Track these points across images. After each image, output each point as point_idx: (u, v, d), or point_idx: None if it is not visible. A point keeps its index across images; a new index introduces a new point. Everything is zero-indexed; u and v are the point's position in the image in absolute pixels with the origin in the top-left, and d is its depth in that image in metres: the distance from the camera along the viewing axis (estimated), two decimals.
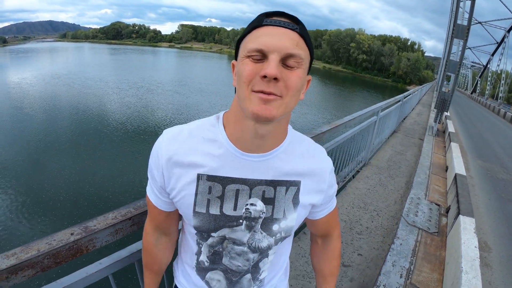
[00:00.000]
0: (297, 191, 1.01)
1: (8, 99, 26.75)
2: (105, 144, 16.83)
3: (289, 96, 0.82)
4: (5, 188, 11.60)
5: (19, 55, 77.14)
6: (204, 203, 0.97)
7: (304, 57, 0.83)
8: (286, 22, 0.82)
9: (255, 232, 1.01)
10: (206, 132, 0.98)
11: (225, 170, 0.95)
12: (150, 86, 38.55)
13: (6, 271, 1.02)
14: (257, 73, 0.79)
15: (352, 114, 4.39)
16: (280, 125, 0.93)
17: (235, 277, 1.10)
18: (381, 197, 5.23)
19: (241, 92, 0.83)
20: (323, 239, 1.32)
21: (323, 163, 1.06)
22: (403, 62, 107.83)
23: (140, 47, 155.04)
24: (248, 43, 0.83)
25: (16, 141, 16.55)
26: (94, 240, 1.28)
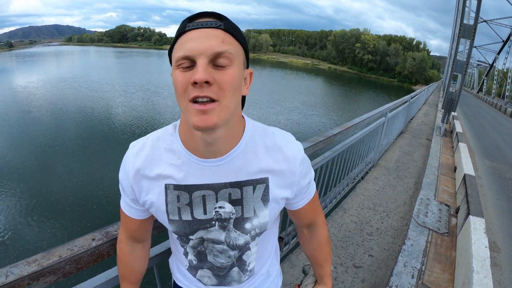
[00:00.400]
0: (266, 188, 1.00)
1: (16, 103, 26.89)
2: (113, 147, 16.86)
3: (226, 97, 0.81)
4: (13, 192, 11.65)
5: (26, 59, 77.52)
6: (175, 211, 1.00)
7: (234, 52, 0.82)
8: (208, 22, 0.81)
9: (229, 231, 1.03)
10: (166, 143, 1.00)
11: (189, 178, 0.97)
12: (157, 88, 38.57)
13: (27, 278, 1.04)
14: (188, 82, 0.79)
15: (361, 116, 4.42)
16: (229, 127, 0.91)
17: (221, 272, 1.13)
18: (390, 198, 5.24)
19: (180, 104, 0.84)
20: (308, 229, 1.31)
21: (292, 155, 1.02)
22: (408, 62, 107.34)
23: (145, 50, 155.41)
24: (175, 52, 0.83)
25: (24, 144, 16.61)
26: (116, 245, 1.29)
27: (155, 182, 0.99)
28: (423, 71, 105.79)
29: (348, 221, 4.36)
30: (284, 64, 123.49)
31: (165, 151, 0.99)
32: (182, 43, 0.81)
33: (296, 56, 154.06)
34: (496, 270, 3.82)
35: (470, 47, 10.41)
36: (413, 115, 13.47)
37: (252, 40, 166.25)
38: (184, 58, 0.79)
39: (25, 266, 1.06)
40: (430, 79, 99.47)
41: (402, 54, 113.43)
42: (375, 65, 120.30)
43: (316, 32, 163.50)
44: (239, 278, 1.17)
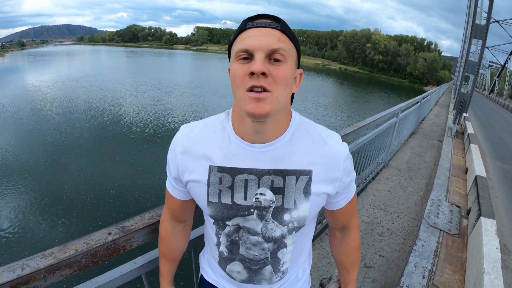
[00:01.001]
0: (309, 180, 1.02)
1: (27, 102, 27.16)
2: (124, 146, 17.00)
3: (279, 89, 0.88)
4: (26, 189, 11.80)
5: (37, 58, 78.13)
6: (216, 193, 1.04)
7: (288, 50, 0.90)
8: (267, 22, 0.90)
9: (267, 221, 1.05)
10: (216, 127, 1.06)
11: (234, 161, 1.02)
12: (168, 88, 38.71)
13: (43, 271, 1.06)
14: (246, 73, 0.86)
15: (373, 115, 4.41)
16: (277, 118, 0.98)
17: (254, 265, 1.14)
18: (401, 199, 5.23)
19: (236, 93, 0.91)
20: (341, 231, 1.33)
21: (336, 150, 1.06)
22: (419, 63, 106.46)
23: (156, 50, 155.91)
24: (235, 46, 0.91)
25: (36, 142, 16.79)
26: (131, 240, 1.33)
27: (200, 162, 1.04)
28: (434, 71, 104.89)
29: (359, 221, 4.35)
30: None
31: (214, 134, 1.05)
32: (243, 38, 0.90)
33: (307, 56, 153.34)
34: (506, 272, 3.79)
35: (482, 48, 10.31)
36: (425, 116, 13.39)
37: None
38: (243, 51, 0.88)
39: (41, 259, 1.08)
40: (441, 80, 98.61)
41: (413, 55, 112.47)
42: (386, 66, 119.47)
43: (326, 32, 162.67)
44: (270, 277, 1.18)
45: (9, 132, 18.32)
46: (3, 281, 0.98)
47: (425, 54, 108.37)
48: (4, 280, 0.98)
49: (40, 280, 1.07)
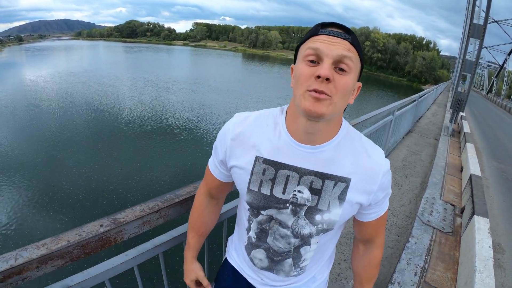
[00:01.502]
0: (346, 187, 1.05)
1: (25, 96, 27.06)
2: (122, 142, 16.98)
3: (338, 96, 0.92)
4: (22, 184, 11.79)
5: (35, 53, 77.78)
6: (257, 183, 1.09)
7: (354, 61, 0.93)
8: (339, 32, 0.92)
9: (299, 218, 1.08)
10: (270, 120, 1.11)
11: (280, 156, 1.06)
12: (166, 84, 38.63)
13: (36, 261, 1.08)
14: (312, 75, 0.90)
15: (368, 113, 4.42)
16: (329, 123, 1.01)
17: (276, 257, 1.18)
18: (395, 197, 5.24)
19: (297, 91, 0.94)
20: (365, 245, 1.35)
21: (377, 164, 1.08)
22: (418, 61, 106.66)
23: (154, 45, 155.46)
24: (305, 47, 0.95)
25: (33, 137, 16.75)
26: (123, 232, 1.34)
27: (248, 150, 1.10)
28: (433, 70, 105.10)
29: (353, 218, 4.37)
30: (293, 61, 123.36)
31: (266, 127, 1.10)
32: (314, 41, 0.93)
33: None
34: (499, 271, 3.81)
35: (479, 47, 10.35)
36: (422, 114, 13.41)
37: (261, 37, 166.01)
38: (313, 54, 0.91)
39: (34, 250, 1.10)
40: (439, 79, 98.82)
41: (412, 53, 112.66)
42: (385, 64, 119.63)
43: None
44: (289, 270, 1.22)
45: (6, 126, 18.26)
46: None
47: (424, 53, 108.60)
48: None
49: (32, 270, 1.09)
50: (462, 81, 12.13)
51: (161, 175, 13.19)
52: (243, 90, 38.46)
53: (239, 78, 51.87)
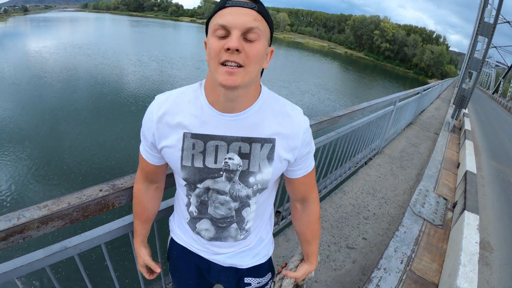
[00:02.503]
0: (272, 147, 1.13)
1: (28, 68, 26.64)
2: (125, 116, 16.87)
3: (251, 65, 0.96)
4: (24, 155, 11.81)
5: (40, 23, 76.76)
6: (189, 158, 1.13)
7: (262, 30, 0.97)
8: (245, 2, 0.95)
9: (234, 183, 1.15)
10: (190, 96, 1.13)
11: (206, 128, 1.10)
12: (171, 60, 38.20)
13: (37, 221, 1.15)
14: (221, 47, 0.93)
15: (369, 101, 4.44)
16: (248, 89, 1.05)
17: (221, 224, 1.25)
18: (390, 186, 5.30)
19: (211, 65, 0.98)
20: (301, 204, 1.41)
21: (298, 123, 1.15)
22: (426, 55, 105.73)
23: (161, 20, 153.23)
24: (213, 21, 0.97)
25: (35, 109, 16.57)
26: (121, 197, 1.42)
27: (174, 129, 1.11)
28: (440, 65, 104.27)
29: (346, 203, 4.43)
30: (300, 45, 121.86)
31: (187, 103, 1.12)
32: (221, 15, 0.95)
33: (313, 38, 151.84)
34: (486, 269, 3.88)
35: (487, 46, 10.26)
36: (424, 108, 13.40)
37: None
38: (221, 27, 0.94)
39: (36, 211, 1.17)
40: (446, 74, 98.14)
41: (421, 46, 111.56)
42: (392, 54, 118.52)
43: (335, 15, 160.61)
44: (236, 235, 1.28)
45: (10, 97, 18.12)
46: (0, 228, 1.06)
47: (433, 47, 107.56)
48: (1, 228, 1.06)
49: (33, 230, 1.15)
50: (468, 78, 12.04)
51: None
52: None
53: None
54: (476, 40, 10.68)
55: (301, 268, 1.47)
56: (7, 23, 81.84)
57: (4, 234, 1.08)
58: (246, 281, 1.45)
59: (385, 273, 3.06)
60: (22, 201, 9.13)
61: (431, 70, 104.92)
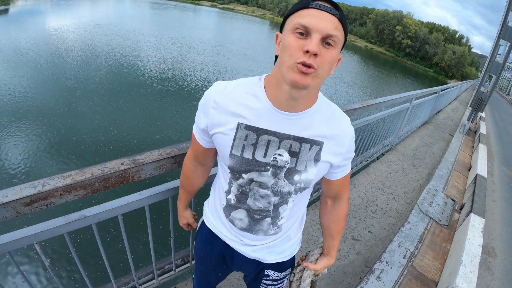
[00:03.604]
0: (320, 150, 1.17)
1: (48, 46, 26.60)
2: (143, 98, 16.90)
3: (323, 70, 0.99)
4: (41, 131, 11.94)
5: (60, 2, 76.66)
6: (239, 148, 1.16)
7: (340, 38, 1.00)
8: (329, 8, 0.98)
9: (279, 179, 1.19)
10: (249, 89, 1.16)
11: (261, 122, 1.13)
12: (191, 43, 37.90)
13: (61, 189, 1.24)
14: (301, 48, 0.95)
15: (384, 97, 4.46)
16: (310, 92, 1.10)
17: (256, 215, 1.28)
18: (400, 183, 5.33)
19: (285, 61, 0.99)
20: (333, 201, 1.47)
21: (345, 130, 1.21)
22: (447, 54, 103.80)
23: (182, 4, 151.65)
24: (295, 19, 0.99)
25: (54, 87, 16.58)
26: (140, 172, 1.50)
27: (230, 117, 1.15)
28: (461, 66, 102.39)
29: (355, 195, 4.49)
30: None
31: (245, 95, 1.15)
32: (304, 15, 0.98)
33: None
34: (488, 274, 3.90)
35: (508, 50, 10.11)
36: (441, 108, 13.25)
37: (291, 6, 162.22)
38: (303, 27, 0.96)
39: (60, 179, 1.26)
40: (466, 76, 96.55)
41: (443, 45, 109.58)
42: (413, 52, 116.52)
43: (357, 8, 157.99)
44: (267, 229, 1.33)
45: (29, 74, 18.19)
46: (25, 194, 1.15)
47: (455, 47, 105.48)
48: (26, 194, 1.15)
49: (57, 197, 1.24)
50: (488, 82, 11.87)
51: (178, 132, 13.40)
52: (267, 58, 37.93)
53: (264, 46, 51.02)
54: (498, 43, 10.53)
55: (320, 261, 1.53)
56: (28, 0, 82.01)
57: (28, 200, 1.17)
58: (266, 272, 1.51)
59: (387, 266, 3.13)
60: (38, 175, 9.31)
61: (451, 71, 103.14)
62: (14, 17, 45.90)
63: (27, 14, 49.49)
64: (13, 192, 1.15)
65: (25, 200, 1.16)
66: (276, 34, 1.12)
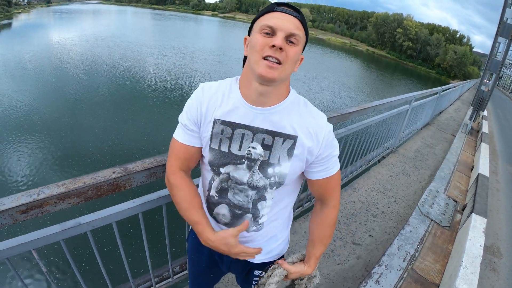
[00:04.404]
0: (293, 144, 1.23)
1: (51, 58, 26.88)
2: (148, 109, 17.13)
3: (288, 64, 1.12)
4: (45, 142, 12.07)
5: (63, 15, 77.23)
6: (217, 142, 1.26)
7: (301, 37, 1.14)
8: (291, 11, 1.14)
9: (254, 172, 1.26)
10: (226, 89, 1.28)
11: (235, 117, 1.24)
12: (193, 53, 38.28)
13: (55, 197, 1.29)
14: (267, 44, 1.09)
15: (382, 99, 4.46)
16: (278, 87, 1.20)
17: (237, 210, 1.34)
18: (402, 186, 5.32)
19: (253, 58, 1.12)
20: (320, 205, 1.48)
21: (320, 124, 1.27)
22: (449, 55, 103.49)
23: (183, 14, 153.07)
24: (262, 21, 1.13)
25: (58, 100, 16.84)
26: (132, 180, 1.55)
27: (208, 116, 1.27)
28: (463, 66, 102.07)
29: (355, 200, 4.49)
30: (322, 41, 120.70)
31: (222, 94, 1.27)
32: (270, 17, 1.13)
33: (335, 34, 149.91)
34: (493, 275, 3.86)
35: (507, 47, 10.06)
36: (443, 109, 13.22)
37: None
38: (269, 27, 1.10)
39: (54, 188, 1.32)
40: (469, 76, 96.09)
41: (444, 46, 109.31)
42: (415, 53, 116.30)
43: (357, 12, 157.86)
44: (249, 225, 1.35)
45: (33, 87, 18.37)
46: (21, 202, 1.22)
47: (456, 47, 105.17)
48: (22, 202, 1.22)
49: (51, 205, 1.30)
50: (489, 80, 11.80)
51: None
52: None
53: None
54: (497, 41, 10.48)
55: (297, 265, 1.48)
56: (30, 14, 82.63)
57: (24, 208, 1.22)
58: (255, 273, 1.54)
59: (386, 269, 3.12)
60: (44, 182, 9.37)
61: (453, 71, 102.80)
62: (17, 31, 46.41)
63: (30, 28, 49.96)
64: (10, 200, 1.22)
65: (21, 208, 1.22)
66: (244, 37, 1.25)
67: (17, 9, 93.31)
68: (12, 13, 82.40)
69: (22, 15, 79.39)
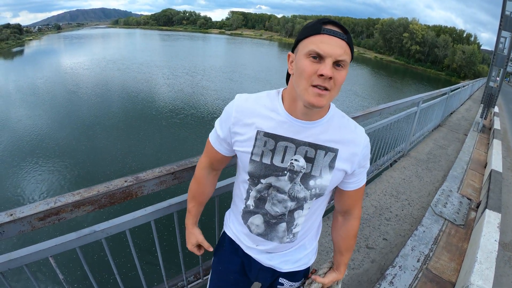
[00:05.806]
0: (334, 157, 1.26)
1: (63, 83, 27.50)
2: (161, 127, 17.36)
3: (335, 90, 1.11)
4: (59, 166, 12.31)
5: (73, 40, 78.81)
6: (259, 154, 1.27)
7: (348, 60, 1.11)
8: (339, 33, 1.09)
9: (295, 184, 1.28)
10: (267, 101, 1.28)
11: (278, 130, 1.25)
12: (204, 72, 38.70)
13: (71, 205, 1.39)
14: (315, 72, 1.07)
15: (387, 103, 4.48)
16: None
17: (272, 219, 1.37)
18: (415, 188, 5.30)
19: (301, 84, 1.11)
20: (343, 216, 1.53)
21: (359, 137, 1.29)
22: (457, 55, 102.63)
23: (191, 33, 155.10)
24: (309, 45, 1.09)
25: (70, 123, 17.23)
26: (143, 188, 1.63)
27: (250, 127, 1.27)
28: (473, 65, 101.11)
29: (368, 204, 4.49)
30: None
31: (264, 107, 1.27)
32: (317, 41, 1.08)
33: None
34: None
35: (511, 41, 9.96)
36: (454, 109, 13.11)
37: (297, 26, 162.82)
38: (316, 54, 1.06)
39: (70, 196, 1.41)
40: (479, 74, 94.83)
41: (451, 47, 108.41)
42: (423, 57, 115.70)
43: (363, 20, 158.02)
44: (282, 236, 1.41)
45: (47, 114, 18.73)
46: (39, 210, 1.31)
47: (464, 47, 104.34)
48: (40, 210, 1.31)
49: (67, 212, 1.40)
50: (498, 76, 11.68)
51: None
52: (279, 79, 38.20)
53: (276, 67, 51.52)
54: (501, 35, 10.36)
55: (329, 275, 1.60)
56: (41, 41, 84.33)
57: (42, 215, 1.32)
58: (280, 281, 1.58)
59: (400, 270, 3.13)
60: None
61: (463, 71, 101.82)
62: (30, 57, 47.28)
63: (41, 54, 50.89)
64: (28, 208, 1.31)
65: (39, 215, 1.31)
66: (288, 53, 1.23)
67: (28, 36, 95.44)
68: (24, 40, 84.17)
69: (33, 42, 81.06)
